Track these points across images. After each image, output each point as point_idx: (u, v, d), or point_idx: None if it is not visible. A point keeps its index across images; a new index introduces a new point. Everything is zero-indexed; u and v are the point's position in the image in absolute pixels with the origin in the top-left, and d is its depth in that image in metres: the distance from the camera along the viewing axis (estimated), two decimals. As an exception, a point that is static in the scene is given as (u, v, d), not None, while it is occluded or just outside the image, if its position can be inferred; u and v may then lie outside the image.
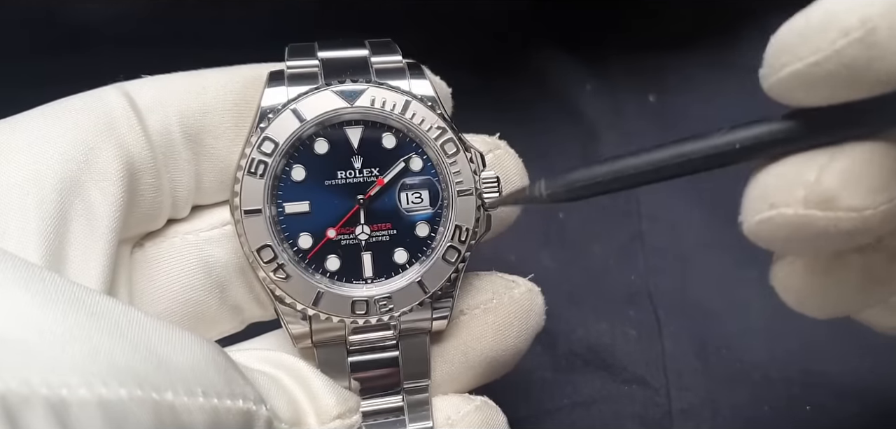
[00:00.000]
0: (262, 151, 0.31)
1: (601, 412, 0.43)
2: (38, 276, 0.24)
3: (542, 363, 0.44)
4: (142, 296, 0.33)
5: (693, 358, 0.44)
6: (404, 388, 0.33)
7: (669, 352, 0.44)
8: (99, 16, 0.42)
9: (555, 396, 0.43)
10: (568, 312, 0.45)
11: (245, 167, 0.31)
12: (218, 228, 0.33)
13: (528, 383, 0.44)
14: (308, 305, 0.31)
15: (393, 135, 0.32)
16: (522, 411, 0.42)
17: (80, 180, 0.30)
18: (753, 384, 0.43)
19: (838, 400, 0.41)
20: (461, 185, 0.32)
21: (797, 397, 0.42)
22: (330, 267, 0.32)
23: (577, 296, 0.46)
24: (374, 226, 0.32)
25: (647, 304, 0.46)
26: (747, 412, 0.42)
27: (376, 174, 0.32)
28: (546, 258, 0.48)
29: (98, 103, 0.31)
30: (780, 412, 0.42)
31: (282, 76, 0.32)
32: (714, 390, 0.43)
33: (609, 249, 0.48)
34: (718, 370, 0.43)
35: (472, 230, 0.32)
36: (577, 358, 0.44)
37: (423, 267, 0.32)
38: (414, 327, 0.33)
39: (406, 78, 0.33)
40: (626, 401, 0.43)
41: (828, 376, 0.42)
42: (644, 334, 0.45)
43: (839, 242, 0.25)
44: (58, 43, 0.43)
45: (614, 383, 0.43)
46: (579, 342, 0.45)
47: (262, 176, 0.31)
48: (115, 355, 0.22)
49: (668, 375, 0.43)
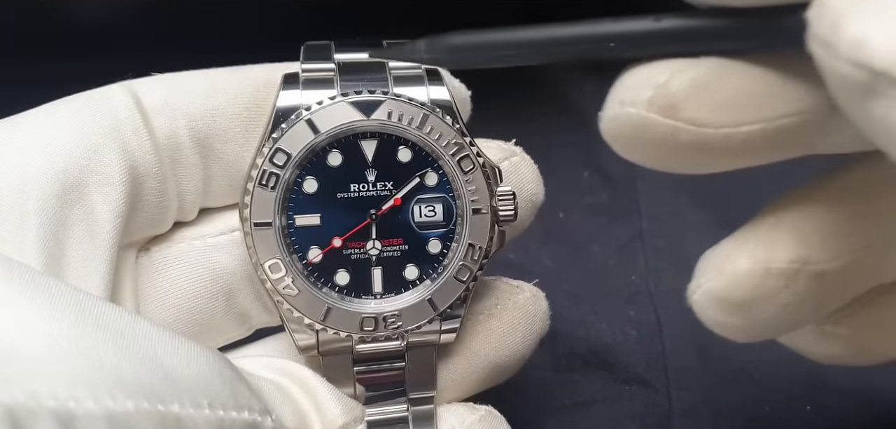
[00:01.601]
0: (274, 162, 0.30)
1: (602, 412, 0.43)
2: (43, 284, 0.23)
3: (542, 363, 0.44)
4: (147, 301, 0.32)
5: (693, 358, 0.44)
6: (409, 398, 0.33)
7: (670, 352, 0.44)
8: (101, 14, 0.41)
9: (555, 396, 0.43)
10: (568, 313, 0.45)
11: (256, 178, 0.30)
12: (226, 234, 0.33)
13: (529, 383, 0.44)
14: (316, 321, 0.31)
15: (409, 149, 0.32)
16: (523, 411, 0.42)
17: (81, 184, 0.29)
18: (754, 384, 0.43)
19: (838, 400, 0.42)
20: (476, 202, 0.32)
21: (798, 396, 0.42)
22: (339, 281, 0.31)
23: (577, 296, 0.46)
24: (385, 240, 0.32)
25: (648, 304, 0.46)
26: (748, 412, 0.42)
27: (390, 188, 0.31)
28: (546, 258, 0.48)
29: (103, 104, 0.30)
30: (780, 412, 0.42)
31: (296, 80, 0.32)
32: (714, 389, 0.43)
33: (609, 249, 0.48)
34: (719, 370, 0.44)
35: (485, 249, 0.32)
36: (578, 358, 0.44)
37: (434, 285, 0.32)
38: (422, 341, 0.33)
39: (424, 85, 0.32)
40: (627, 401, 0.43)
41: (828, 376, 0.42)
42: (644, 334, 0.45)
43: (681, 157, 0.24)
44: (59, 42, 0.42)
45: (615, 383, 0.43)
46: (580, 342, 0.44)
47: (274, 188, 0.30)
48: (121, 366, 0.22)
49: (668, 375, 0.44)
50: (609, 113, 0.25)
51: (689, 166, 0.25)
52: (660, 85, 0.24)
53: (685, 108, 0.23)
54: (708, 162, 0.25)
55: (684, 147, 0.24)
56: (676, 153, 0.24)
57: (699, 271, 0.27)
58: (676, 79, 0.24)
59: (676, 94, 0.23)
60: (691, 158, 0.24)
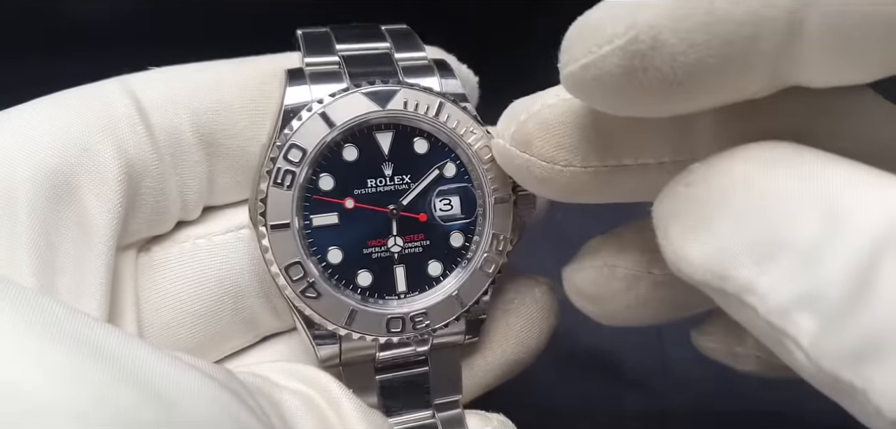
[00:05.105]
0: (289, 159, 0.29)
1: (602, 414, 0.42)
2: (38, 308, 0.21)
3: (543, 365, 0.43)
4: (148, 305, 0.30)
5: (694, 359, 0.44)
6: (435, 404, 0.32)
7: (670, 353, 0.44)
8: (101, 14, 0.40)
9: (556, 397, 0.43)
10: (569, 314, 0.44)
11: (271, 178, 0.28)
12: (233, 231, 0.31)
13: (530, 384, 0.43)
14: (340, 326, 0.29)
15: (425, 139, 0.30)
16: (524, 413, 0.41)
17: (73, 184, 0.27)
18: (754, 386, 0.43)
19: (838, 401, 0.42)
20: (497, 191, 0.30)
21: (798, 396, 0.42)
22: (361, 283, 0.30)
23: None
24: (406, 237, 0.30)
25: (648, 304, 0.46)
26: (748, 413, 0.42)
27: (408, 182, 0.30)
28: (546, 258, 0.47)
29: (96, 99, 0.28)
30: (780, 414, 0.42)
31: (302, 74, 0.30)
32: (715, 391, 0.43)
33: (610, 249, 0.48)
34: (719, 371, 0.43)
35: (508, 238, 0.31)
36: (578, 360, 0.44)
37: (460, 279, 0.31)
38: (446, 342, 0.31)
39: (436, 76, 0.31)
40: (627, 402, 0.43)
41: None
42: (645, 336, 0.44)
43: (543, 187, 0.27)
44: (59, 42, 0.40)
45: (615, 384, 0.43)
46: (580, 344, 0.44)
47: (290, 187, 0.29)
48: (120, 401, 0.20)
49: (668, 376, 0.43)
50: (493, 140, 0.28)
51: (566, 196, 0.27)
52: (520, 122, 0.26)
53: (535, 145, 0.26)
54: (566, 193, 0.27)
55: (538, 180, 0.26)
56: (539, 184, 0.27)
57: (576, 257, 0.31)
58: (533, 117, 0.26)
59: (529, 132, 0.26)
60: (549, 186, 0.27)
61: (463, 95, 0.31)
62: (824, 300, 0.18)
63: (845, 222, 0.18)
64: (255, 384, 0.26)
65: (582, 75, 0.21)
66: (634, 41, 0.20)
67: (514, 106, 0.27)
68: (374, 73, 0.30)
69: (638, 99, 0.21)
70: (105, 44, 0.39)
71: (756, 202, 0.20)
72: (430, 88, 0.30)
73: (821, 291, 0.18)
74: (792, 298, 0.18)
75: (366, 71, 0.30)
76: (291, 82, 0.30)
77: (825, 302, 0.18)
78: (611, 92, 0.21)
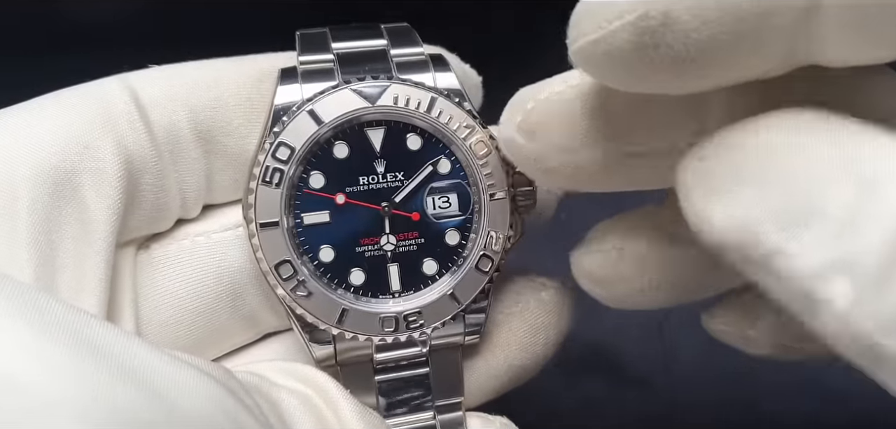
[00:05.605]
0: (278, 157, 0.28)
1: (604, 412, 0.42)
2: (36, 305, 0.21)
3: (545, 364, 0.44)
4: (147, 302, 0.30)
5: (695, 358, 0.44)
6: (436, 405, 0.31)
7: (671, 352, 0.44)
8: (101, 14, 0.40)
9: (558, 396, 0.43)
10: (570, 313, 0.45)
11: (259, 176, 0.28)
12: (231, 229, 0.31)
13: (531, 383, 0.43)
14: (332, 325, 0.29)
15: (418, 135, 0.30)
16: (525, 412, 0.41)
17: (74, 180, 0.27)
18: (755, 384, 0.43)
19: (839, 399, 0.42)
20: (493, 187, 0.30)
21: (798, 396, 0.42)
22: (354, 281, 0.29)
23: (579, 296, 0.45)
24: (400, 235, 0.30)
25: (649, 304, 0.46)
26: (749, 412, 0.42)
27: (401, 179, 0.30)
28: (548, 258, 0.47)
29: (96, 97, 0.29)
30: (780, 412, 0.42)
31: (295, 73, 0.30)
32: (716, 389, 0.43)
33: (611, 249, 0.48)
34: (720, 370, 0.43)
35: (505, 236, 0.30)
36: (580, 358, 0.44)
37: (455, 278, 0.30)
38: (445, 343, 0.31)
39: (430, 71, 0.31)
40: (629, 401, 0.43)
41: (828, 378, 0.42)
42: (646, 334, 0.44)
43: (550, 177, 0.26)
44: (60, 40, 0.41)
45: (617, 382, 0.43)
46: (582, 343, 0.44)
47: (278, 185, 0.28)
48: (118, 399, 0.20)
49: (670, 374, 0.43)
50: (498, 129, 0.28)
51: (575, 186, 0.27)
52: (527, 111, 0.26)
53: (543, 133, 0.25)
54: (578, 184, 0.26)
55: (545, 171, 0.26)
56: (547, 176, 0.26)
57: (584, 240, 0.31)
58: (539, 105, 0.25)
59: (536, 121, 0.25)
60: (560, 180, 0.26)
61: (459, 91, 0.30)
62: (860, 267, 0.17)
63: (882, 190, 0.17)
64: (252, 383, 0.26)
65: (592, 50, 0.21)
66: (644, 17, 0.19)
67: (520, 94, 0.27)
68: (368, 71, 0.30)
69: (649, 75, 0.21)
70: (105, 44, 0.39)
71: (783, 166, 0.19)
72: (422, 83, 0.30)
73: (857, 258, 0.17)
74: (825, 263, 0.18)
75: (359, 68, 0.30)
76: (283, 81, 0.30)
77: (861, 269, 0.17)
78: (621, 68, 0.21)
